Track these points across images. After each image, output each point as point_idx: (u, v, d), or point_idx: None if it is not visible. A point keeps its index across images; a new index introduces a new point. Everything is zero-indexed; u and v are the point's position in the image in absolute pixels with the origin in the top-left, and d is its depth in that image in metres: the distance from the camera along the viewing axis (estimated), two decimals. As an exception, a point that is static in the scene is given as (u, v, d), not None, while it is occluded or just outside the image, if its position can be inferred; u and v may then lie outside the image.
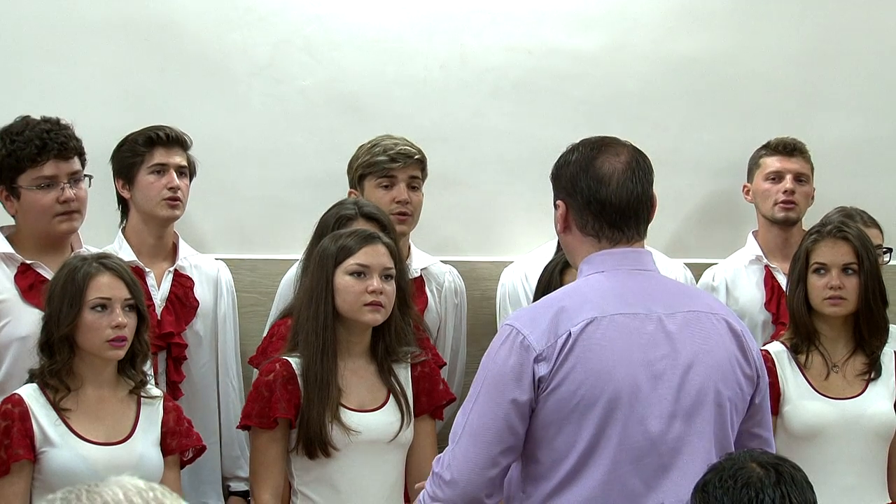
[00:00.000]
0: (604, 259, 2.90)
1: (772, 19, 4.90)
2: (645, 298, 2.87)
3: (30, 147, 3.75)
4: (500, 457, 2.83)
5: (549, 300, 2.93)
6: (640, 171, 2.93)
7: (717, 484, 2.59)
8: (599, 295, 2.85)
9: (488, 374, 2.84)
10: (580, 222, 2.91)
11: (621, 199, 2.89)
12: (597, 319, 2.81)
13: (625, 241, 2.91)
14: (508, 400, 2.80)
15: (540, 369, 2.79)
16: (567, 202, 2.93)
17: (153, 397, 3.53)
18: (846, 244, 3.83)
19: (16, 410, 3.38)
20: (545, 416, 2.81)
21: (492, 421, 2.81)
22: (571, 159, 2.95)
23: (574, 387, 2.78)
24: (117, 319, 3.40)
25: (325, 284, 3.53)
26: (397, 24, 4.70)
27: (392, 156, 4.23)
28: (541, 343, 2.80)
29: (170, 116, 4.26)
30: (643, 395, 2.80)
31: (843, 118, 4.89)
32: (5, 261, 3.80)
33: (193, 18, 4.57)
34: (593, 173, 2.90)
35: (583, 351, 2.79)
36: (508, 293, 4.42)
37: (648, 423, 2.80)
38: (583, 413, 2.79)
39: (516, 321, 2.86)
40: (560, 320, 2.81)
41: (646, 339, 2.82)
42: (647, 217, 2.95)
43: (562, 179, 2.96)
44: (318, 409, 3.48)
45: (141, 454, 3.44)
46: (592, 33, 4.80)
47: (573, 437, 2.80)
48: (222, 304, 4.20)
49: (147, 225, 4.10)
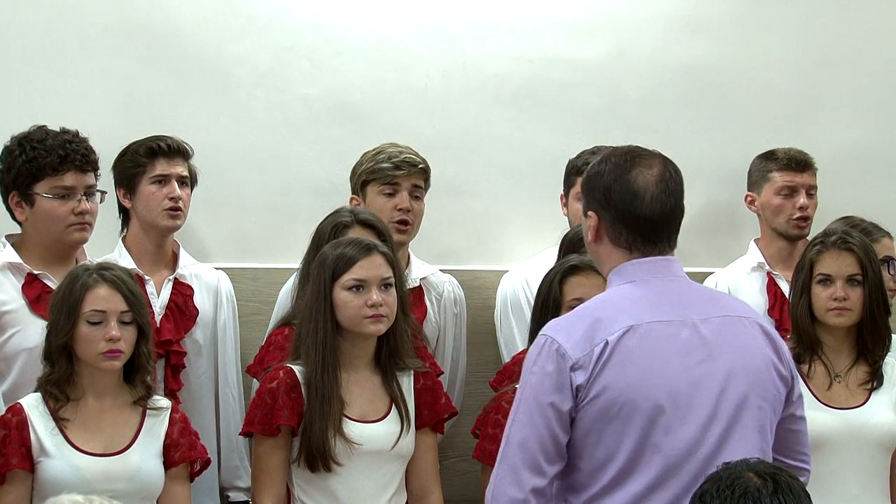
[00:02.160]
0: (635, 269, 2.92)
1: (772, 27, 4.90)
2: (678, 305, 2.90)
3: (52, 156, 3.77)
4: (545, 465, 2.83)
5: (583, 310, 2.95)
6: (672, 183, 2.95)
7: (714, 494, 2.59)
8: (633, 304, 2.87)
9: (527, 384, 2.86)
10: (613, 234, 2.93)
11: (654, 212, 2.91)
12: (633, 328, 2.84)
13: (656, 253, 2.93)
14: (548, 406, 2.82)
15: (577, 378, 2.81)
16: (599, 214, 2.94)
17: (159, 408, 3.52)
18: (850, 255, 3.83)
19: (14, 420, 3.38)
20: (585, 425, 2.83)
21: (534, 429, 2.82)
22: (604, 170, 2.95)
23: (614, 395, 2.80)
24: (111, 333, 3.40)
25: (324, 299, 3.53)
26: (399, 33, 4.70)
27: (396, 163, 4.24)
28: (576, 352, 2.82)
29: (172, 124, 4.27)
30: (683, 401, 2.82)
31: (844, 126, 4.89)
32: (12, 270, 3.81)
33: (195, 27, 4.58)
34: (627, 187, 2.91)
35: (621, 360, 2.81)
36: (509, 299, 4.42)
37: (690, 429, 2.82)
38: (624, 421, 2.81)
39: (550, 330, 2.88)
40: (596, 330, 2.83)
41: (682, 346, 2.85)
42: (677, 228, 2.97)
43: (594, 191, 2.96)
44: (320, 424, 3.48)
45: (138, 466, 3.43)
46: (593, 41, 4.80)
47: (615, 445, 2.82)
48: (222, 313, 4.20)
49: (148, 234, 4.10)
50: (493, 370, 4.19)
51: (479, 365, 4.49)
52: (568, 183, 4.41)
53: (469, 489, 4.26)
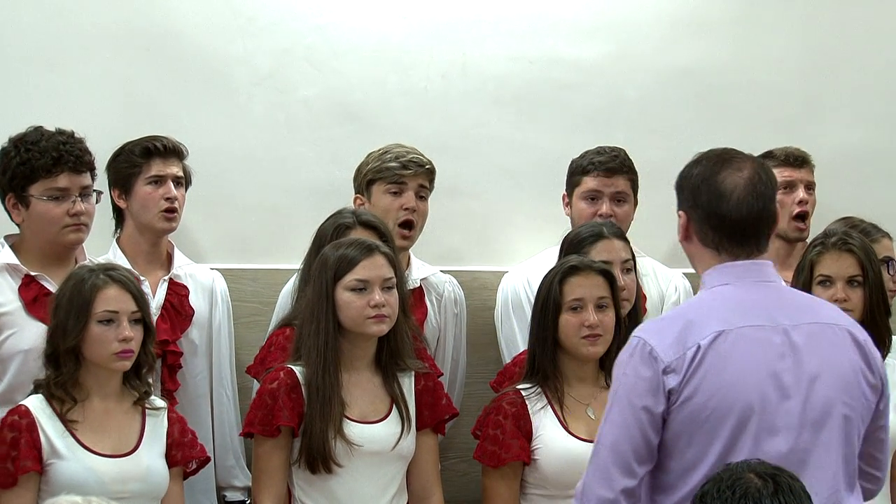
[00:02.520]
0: (727, 271, 2.94)
1: (772, 28, 4.90)
2: (770, 310, 2.91)
3: (45, 158, 3.76)
4: (636, 466, 2.86)
5: (675, 313, 3.01)
6: (761, 187, 2.96)
7: (715, 495, 2.60)
8: (725, 307, 2.90)
9: (620, 386, 2.89)
10: (701, 234, 2.97)
11: (741, 214, 2.93)
12: (724, 332, 2.86)
13: (744, 255, 2.95)
14: (641, 409, 2.85)
15: (669, 381, 2.84)
16: (688, 213, 2.98)
17: (157, 408, 3.53)
18: (851, 256, 3.83)
19: (23, 422, 3.37)
20: (676, 428, 2.85)
21: (626, 430, 2.85)
22: (695, 170, 3.00)
23: (705, 399, 2.83)
24: (124, 333, 3.40)
25: (326, 300, 3.53)
26: (399, 34, 4.70)
27: (404, 163, 4.24)
28: (668, 355, 2.85)
29: (172, 125, 4.27)
30: (771, 406, 2.84)
31: (844, 126, 4.89)
32: (10, 272, 3.80)
33: (195, 28, 4.58)
34: (714, 188, 2.94)
35: (712, 363, 2.84)
36: (511, 299, 4.41)
37: (777, 435, 2.85)
38: (714, 425, 2.83)
39: (643, 332, 2.91)
40: (688, 333, 2.86)
41: (773, 351, 2.87)
42: (767, 232, 2.98)
43: (684, 191, 3.00)
44: (320, 425, 3.48)
45: (148, 466, 3.45)
46: (594, 42, 4.80)
47: (704, 448, 2.84)
48: (217, 313, 4.20)
49: (143, 234, 4.10)
50: (493, 371, 4.19)
51: (480, 365, 4.49)
52: (571, 183, 4.41)
53: (469, 490, 4.26)
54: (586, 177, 4.35)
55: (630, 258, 3.89)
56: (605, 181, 4.33)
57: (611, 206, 4.32)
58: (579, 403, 3.64)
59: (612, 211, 4.31)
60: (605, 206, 4.31)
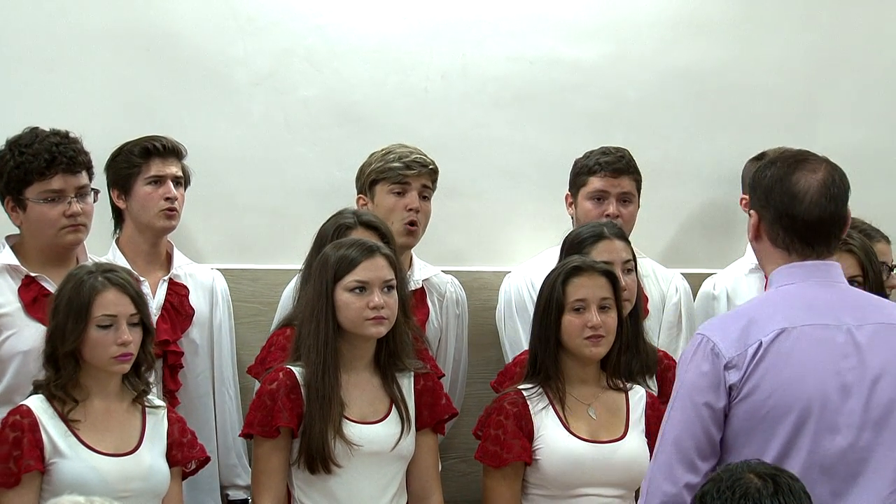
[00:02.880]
0: (793, 272, 2.96)
1: (773, 29, 4.90)
2: (834, 310, 2.93)
3: (38, 160, 3.75)
4: (699, 462, 2.88)
5: (740, 311, 3.02)
6: (834, 189, 2.97)
7: (714, 495, 2.59)
8: (789, 306, 2.92)
9: (683, 382, 2.92)
10: (771, 234, 2.99)
11: (813, 216, 2.95)
12: (787, 330, 2.88)
13: (814, 256, 2.97)
14: (702, 405, 2.87)
15: (730, 377, 2.87)
16: (760, 213, 3.00)
17: (156, 407, 3.53)
18: (851, 257, 3.82)
19: (25, 421, 3.37)
20: (736, 424, 2.88)
21: (688, 427, 2.88)
22: (769, 172, 3.01)
23: (764, 396, 2.85)
24: (123, 336, 3.40)
25: (326, 300, 3.53)
26: (399, 35, 4.70)
27: (407, 163, 4.24)
28: (730, 351, 2.87)
29: (171, 126, 4.27)
30: (833, 405, 2.86)
31: (844, 128, 4.89)
32: (10, 272, 3.80)
33: (194, 28, 4.57)
34: (788, 189, 2.96)
35: (774, 361, 2.86)
36: (514, 300, 4.41)
37: (838, 433, 2.86)
38: (773, 422, 2.85)
39: (706, 330, 2.94)
40: (750, 330, 2.89)
41: (836, 350, 2.89)
42: (838, 234, 3.00)
43: (757, 190, 3.02)
44: (320, 425, 3.48)
45: (150, 465, 3.45)
46: (593, 43, 4.80)
47: (763, 445, 2.86)
48: (217, 312, 4.20)
49: (142, 234, 4.10)
50: (494, 371, 4.19)
51: (480, 366, 4.49)
52: (576, 183, 4.40)
53: (469, 490, 4.26)
54: (592, 177, 4.35)
55: (631, 258, 3.90)
56: (611, 182, 4.34)
57: (617, 206, 4.33)
58: (581, 404, 3.64)
59: (618, 211, 4.32)
60: (612, 207, 4.32)
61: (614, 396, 3.68)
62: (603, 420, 3.64)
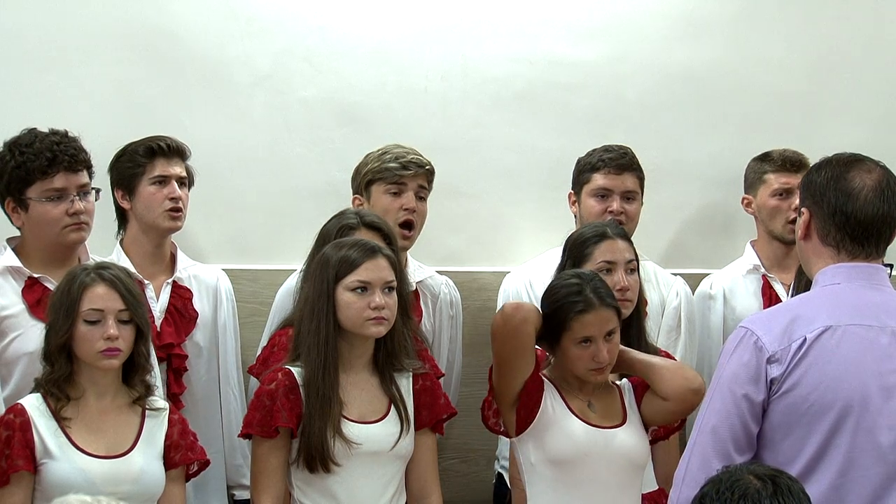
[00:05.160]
0: (840, 272, 2.99)
1: (773, 30, 4.90)
2: (879, 312, 2.95)
3: (40, 159, 3.76)
4: (734, 454, 2.90)
5: (785, 306, 3.06)
6: (889, 191, 3.01)
7: (714, 496, 2.59)
8: (835, 305, 2.94)
9: (723, 373, 2.94)
10: (822, 231, 3.01)
11: (866, 215, 2.98)
12: (832, 328, 2.91)
13: (863, 257, 3.00)
14: (741, 397, 2.89)
15: (772, 371, 2.89)
16: (812, 210, 3.03)
17: (158, 409, 3.52)
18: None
19: (17, 420, 3.37)
20: (774, 419, 2.90)
21: (726, 417, 2.90)
22: (823, 171, 3.05)
23: (806, 392, 2.88)
24: (108, 331, 3.39)
25: (327, 299, 3.53)
26: (398, 35, 4.70)
27: (404, 163, 4.24)
28: (773, 345, 2.90)
29: (171, 126, 4.28)
30: (874, 406, 2.88)
31: (844, 128, 4.89)
32: (13, 274, 3.80)
33: (195, 29, 4.58)
34: (843, 186, 3.00)
35: (816, 358, 2.88)
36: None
37: (878, 434, 2.87)
38: (813, 419, 2.87)
39: (751, 324, 2.96)
40: (795, 326, 2.91)
41: (879, 352, 2.91)
42: (889, 236, 3.02)
43: (810, 186, 3.05)
44: (319, 424, 3.48)
45: (141, 468, 3.43)
46: (594, 43, 4.80)
47: (801, 442, 2.88)
48: (222, 312, 4.20)
49: (147, 235, 4.10)
50: (493, 371, 4.18)
51: (480, 366, 4.47)
52: (580, 181, 4.41)
53: (468, 490, 4.27)
54: (596, 174, 4.35)
55: (633, 258, 3.88)
56: (615, 178, 4.34)
57: (621, 203, 4.33)
58: (580, 401, 3.63)
59: (622, 208, 4.32)
60: (615, 204, 4.32)
61: (609, 390, 3.68)
62: (601, 411, 3.62)
